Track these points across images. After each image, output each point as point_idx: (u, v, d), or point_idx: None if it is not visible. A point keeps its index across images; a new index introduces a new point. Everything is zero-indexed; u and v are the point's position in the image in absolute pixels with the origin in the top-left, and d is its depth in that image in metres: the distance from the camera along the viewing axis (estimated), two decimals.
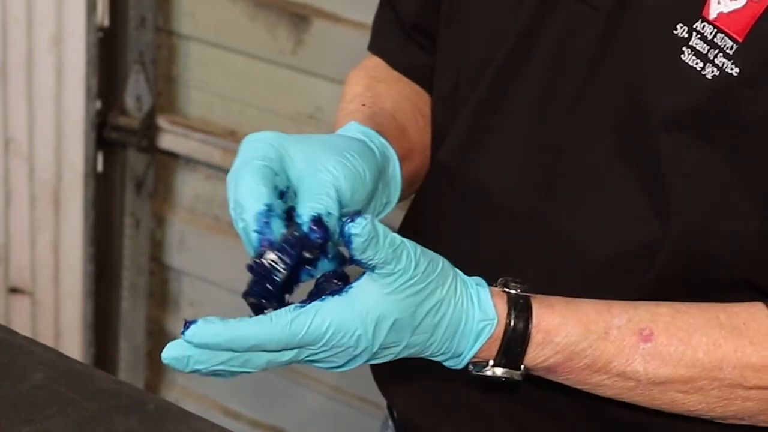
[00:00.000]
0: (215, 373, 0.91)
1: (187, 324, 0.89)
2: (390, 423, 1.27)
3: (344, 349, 0.90)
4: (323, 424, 2.44)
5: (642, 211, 1.00)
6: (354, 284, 0.90)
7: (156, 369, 2.60)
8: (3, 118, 2.41)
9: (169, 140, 2.39)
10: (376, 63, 1.21)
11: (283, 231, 0.91)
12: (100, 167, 2.42)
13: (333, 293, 0.89)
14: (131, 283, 2.52)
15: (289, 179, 0.94)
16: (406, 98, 1.17)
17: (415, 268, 0.90)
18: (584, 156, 1.01)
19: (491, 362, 0.96)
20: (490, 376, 0.97)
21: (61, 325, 2.53)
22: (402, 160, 1.05)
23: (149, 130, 2.37)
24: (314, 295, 0.90)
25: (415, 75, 1.19)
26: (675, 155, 0.97)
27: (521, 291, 0.96)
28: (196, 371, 0.90)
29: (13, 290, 2.55)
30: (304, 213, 0.91)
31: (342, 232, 0.87)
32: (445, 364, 0.97)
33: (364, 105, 1.11)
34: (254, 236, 0.91)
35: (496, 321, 0.94)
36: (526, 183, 1.04)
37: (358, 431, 2.39)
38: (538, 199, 1.04)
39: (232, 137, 2.33)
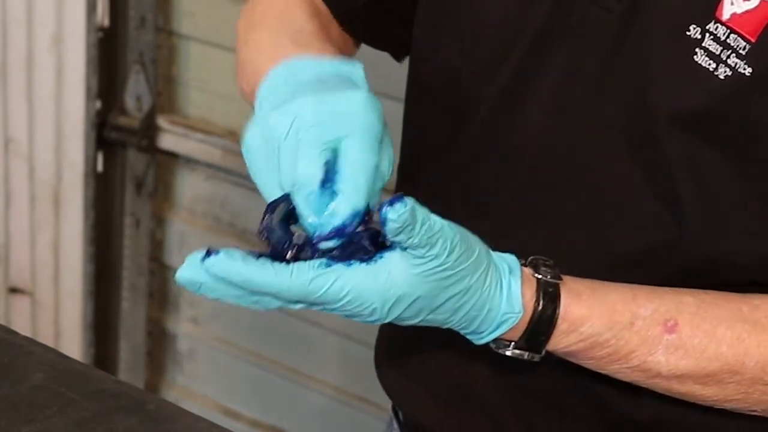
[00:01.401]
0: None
1: (210, 252, 0.87)
2: (395, 425, 1.27)
3: (357, 314, 0.89)
4: (323, 424, 2.44)
5: (654, 213, 1.00)
6: (384, 254, 0.88)
7: (156, 369, 2.60)
8: (3, 118, 2.41)
9: (169, 140, 2.39)
10: None
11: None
12: (100, 167, 2.42)
13: (361, 260, 0.88)
14: (131, 283, 2.52)
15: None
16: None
17: (448, 255, 0.88)
18: (596, 157, 1.01)
19: (513, 344, 0.96)
20: (509, 355, 0.96)
21: (61, 325, 2.53)
22: None
23: (149, 130, 2.37)
24: (343, 250, 0.88)
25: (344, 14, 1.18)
26: (686, 156, 0.97)
27: (551, 276, 0.96)
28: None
29: (13, 290, 2.55)
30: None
31: (379, 211, 0.86)
32: (464, 335, 0.96)
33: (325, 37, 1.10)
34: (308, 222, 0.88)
35: (520, 315, 0.94)
36: (537, 183, 1.05)
37: (357, 431, 2.39)
38: (549, 198, 1.04)
39: (232, 137, 2.33)
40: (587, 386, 1.07)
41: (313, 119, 0.89)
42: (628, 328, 0.96)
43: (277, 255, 0.88)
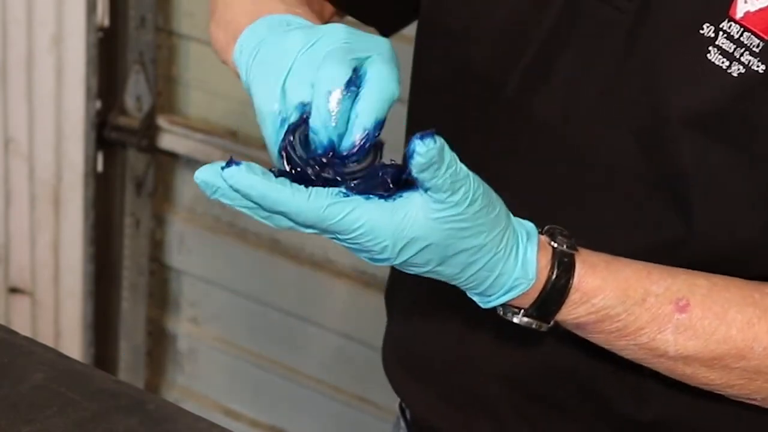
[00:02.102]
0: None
1: (231, 162, 0.85)
2: (402, 424, 1.27)
3: (367, 250, 0.88)
4: (323, 424, 2.44)
5: (661, 211, 1.00)
6: (404, 194, 0.86)
7: (156, 369, 2.60)
8: (3, 118, 2.41)
9: (169, 140, 2.39)
10: None
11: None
12: (100, 167, 2.42)
13: (380, 195, 0.86)
14: (131, 283, 2.52)
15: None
16: None
17: (468, 206, 0.87)
18: (604, 156, 1.01)
19: (522, 311, 0.95)
20: (515, 322, 0.95)
21: (61, 325, 2.53)
22: None
23: (149, 130, 2.37)
24: (364, 183, 0.86)
25: None
26: (696, 155, 0.97)
27: (567, 246, 0.95)
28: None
29: (13, 290, 2.55)
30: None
31: (407, 146, 0.84)
32: (471, 297, 0.95)
33: None
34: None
35: (533, 282, 0.93)
36: (544, 181, 1.05)
37: (358, 431, 2.39)
38: (556, 197, 1.04)
39: (232, 137, 2.33)
40: (591, 388, 1.07)
41: (343, 37, 0.89)
42: (640, 303, 0.96)
43: (298, 175, 0.87)
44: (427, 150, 0.83)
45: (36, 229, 2.47)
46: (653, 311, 0.96)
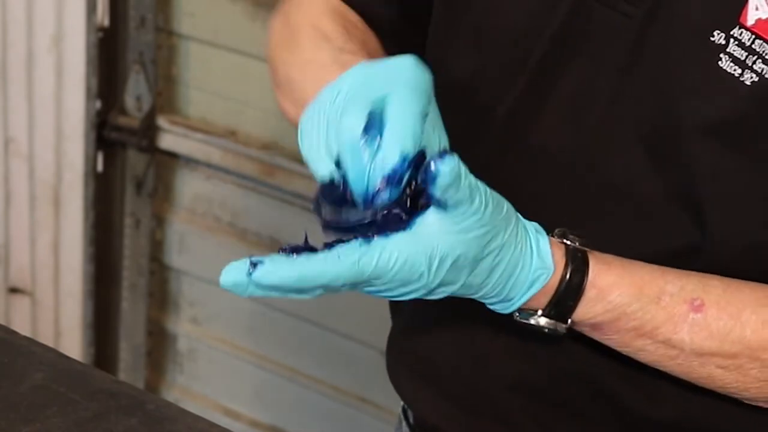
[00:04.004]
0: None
1: (254, 264, 0.87)
2: (404, 427, 1.26)
3: (404, 284, 0.88)
4: (323, 424, 2.44)
5: (675, 219, 0.99)
6: (417, 219, 0.87)
7: (156, 369, 2.60)
8: (3, 118, 2.41)
9: (169, 140, 2.39)
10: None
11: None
12: (100, 167, 2.42)
13: (397, 229, 0.87)
14: (131, 283, 2.52)
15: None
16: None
17: (485, 210, 0.88)
18: (615, 162, 1.01)
19: (540, 311, 0.95)
20: (533, 325, 0.96)
21: (61, 325, 2.54)
22: None
23: (149, 130, 2.37)
24: (378, 227, 0.87)
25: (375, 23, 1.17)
26: (710, 162, 0.97)
27: (579, 244, 0.96)
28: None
29: (13, 290, 2.55)
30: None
31: (426, 169, 0.85)
32: (493, 308, 0.96)
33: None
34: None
35: (552, 271, 0.93)
36: (555, 190, 1.04)
37: (357, 431, 2.39)
38: (566, 206, 1.04)
39: (232, 137, 2.33)
40: (605, 389, 1.06)
41: (361, 80, 0.89)
42: (655, 302, 0.96)
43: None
44: (451, 169, 0.84)
45: (36, 229, 2.47)
46: (668, 310, 0.96)
